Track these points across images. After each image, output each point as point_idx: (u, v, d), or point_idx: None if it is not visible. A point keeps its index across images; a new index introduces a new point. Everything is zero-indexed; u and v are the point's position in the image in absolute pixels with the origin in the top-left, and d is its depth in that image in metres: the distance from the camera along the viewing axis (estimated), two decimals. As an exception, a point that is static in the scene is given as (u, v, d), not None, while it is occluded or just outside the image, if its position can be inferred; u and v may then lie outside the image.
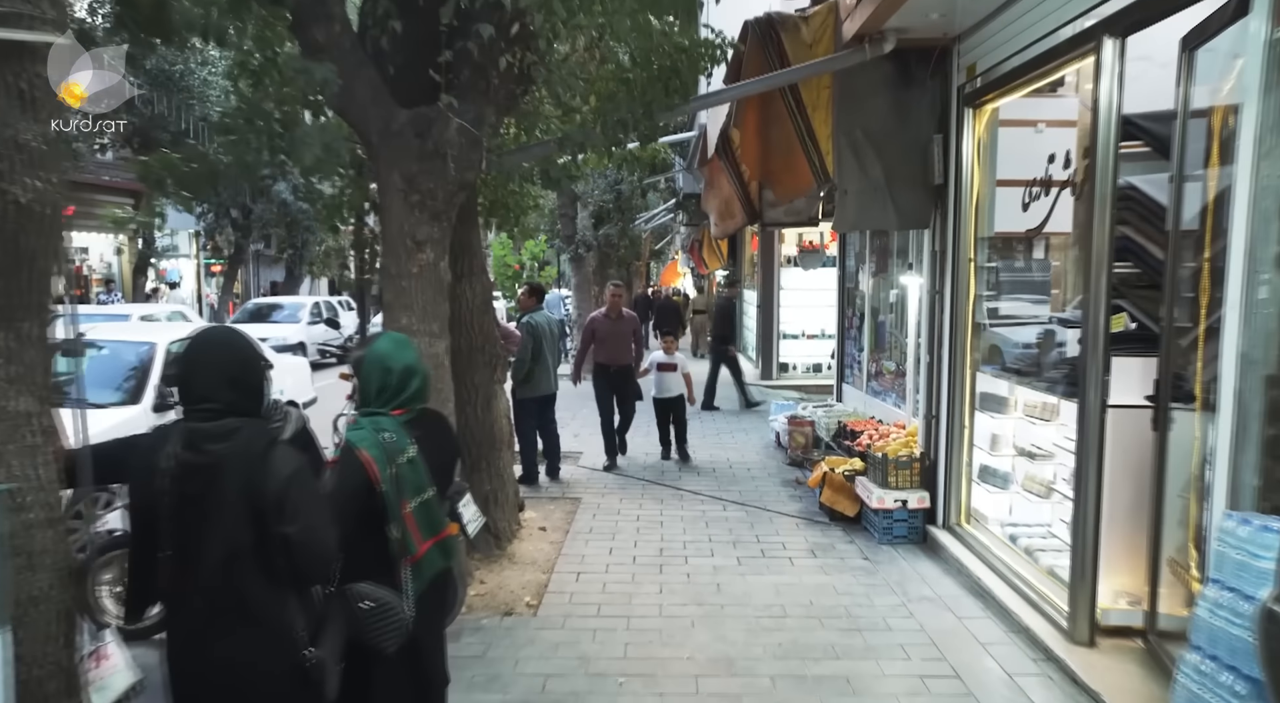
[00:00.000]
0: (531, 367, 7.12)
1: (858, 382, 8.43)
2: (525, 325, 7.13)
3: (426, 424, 2.54)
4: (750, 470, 8.00)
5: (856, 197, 5.68)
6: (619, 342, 8.05)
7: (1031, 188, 4.63)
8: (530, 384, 7.19)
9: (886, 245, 7.70)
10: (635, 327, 8.25)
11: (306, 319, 17.28)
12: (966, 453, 5.36)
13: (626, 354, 8.09)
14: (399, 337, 2.55)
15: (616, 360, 8.06)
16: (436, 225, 4.62)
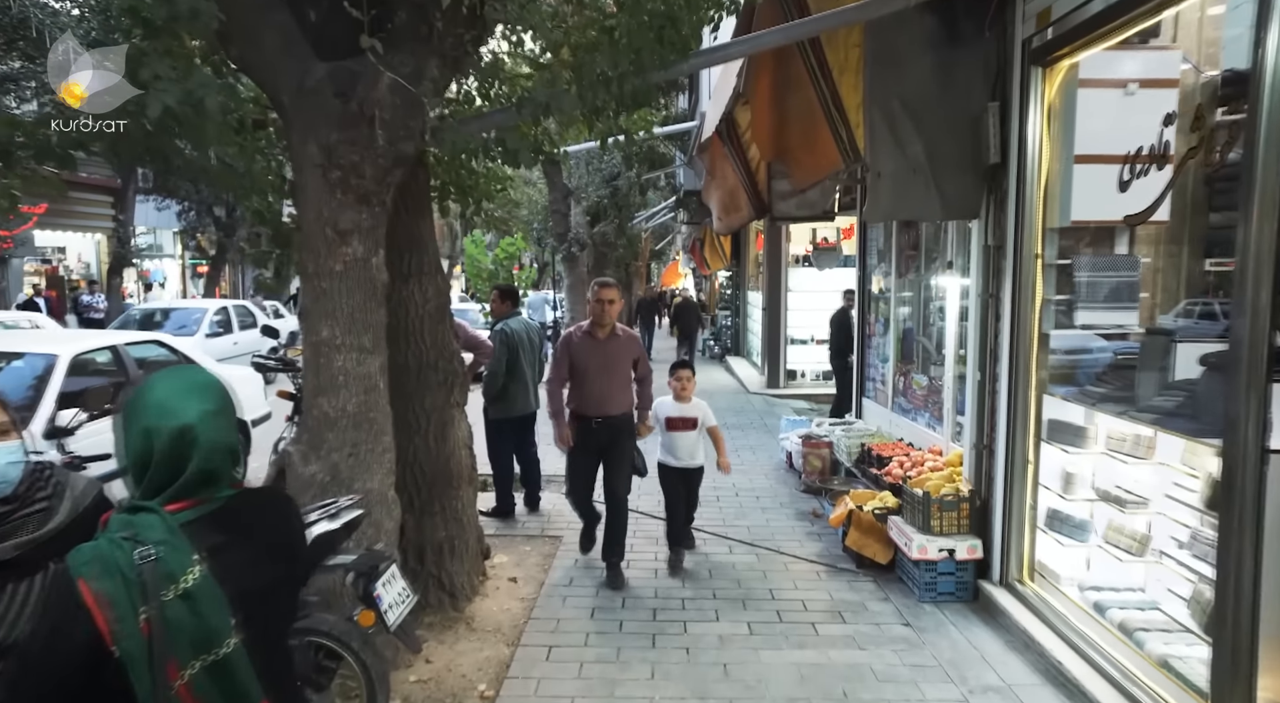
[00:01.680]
0: (506, 382, 6.11)
1: (881, 397, 7.42)
2: (498, 334, 6.13)
3: (241, 519, 1.50)
4: (759, 499, 6.99)
5: (892, 180, 4.68)
6: (609, 376, 5.02)
7: (1134, 164, 3.62)
8: (505, 402, 6.18)
9: (916, 240, 6.69)
10: (635, 352, 5.17)
11: (206, 329, 13.17)
12: (1030, 494, 4.35)
13: (620, 397, 5.08)
14: (186, 376, 1.51)
15: (604, 407, 5.01)
16: (365, 211, 3.61)
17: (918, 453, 6.05)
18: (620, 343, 5.11)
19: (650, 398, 5.29)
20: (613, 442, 5.09)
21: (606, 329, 5.06)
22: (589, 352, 5.04)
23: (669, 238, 36.93)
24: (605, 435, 5.06)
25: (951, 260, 5.67)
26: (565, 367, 5.09)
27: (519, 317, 6.38)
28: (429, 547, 4.48)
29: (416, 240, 4.44)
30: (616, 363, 5.07)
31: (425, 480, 4.49)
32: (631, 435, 5.19)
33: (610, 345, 5.06)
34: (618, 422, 5.10)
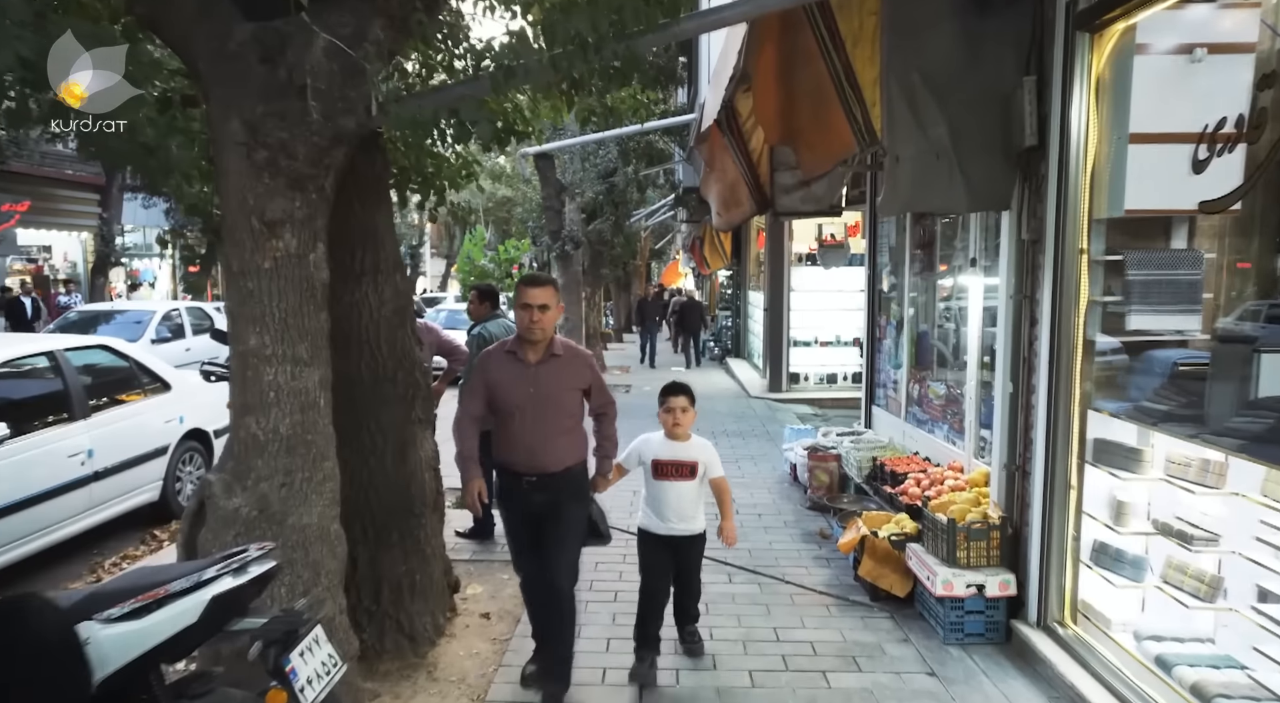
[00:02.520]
0: None
1: (893, 406, 6.87)
2: (474, 338, 5.58)
3: None
4: (761, 517, 6.44)
5: (912, 166, 4.14)
6: (545, 415, 3.54)
7: (1213, 141, 3.05)
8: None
9: (932, 235, 6.14)
10: (585, 378, 3.67)
11: (152, 334, 11.83)
12: (1073, 523, 3.80)
13: (563, 444, 3.57)
14: None
15: (538, 460, 3.53)
16: (299, 197, 3.07)
17: (936, 470, 5.50)
18: (561, 367, 3.54)
19: (613, 442, 3.78)
20: (552, 509, 3.52)
21: (539, 348, 3.51)
22: (514, 380, 3.50)
23: (669, 237, 36.43)
24: (542, 500, 3.53)
25: (975, 257, 5.12)
26: (480, 400, 3.58)
27: (499, 319, 5.83)
28: (386, 584, 3.93)
29: (371, 234, 3.89)
30: (555, 396, 3.51)
31: (382, 508, 3.94)
32: (581, 499, 3.66)
33: (545, 371, 3.51)
34: (559, 481, 3.53)
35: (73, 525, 5.25)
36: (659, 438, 3.92)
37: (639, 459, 3.91)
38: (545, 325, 3.48)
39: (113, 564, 5.43)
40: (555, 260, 14.01)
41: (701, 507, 3.95)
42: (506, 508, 3.71)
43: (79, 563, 5.46)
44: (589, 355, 3.84)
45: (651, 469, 3.88)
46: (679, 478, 3.85)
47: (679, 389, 3.91)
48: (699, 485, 3.90)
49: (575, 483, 3.64)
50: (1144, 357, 3.60)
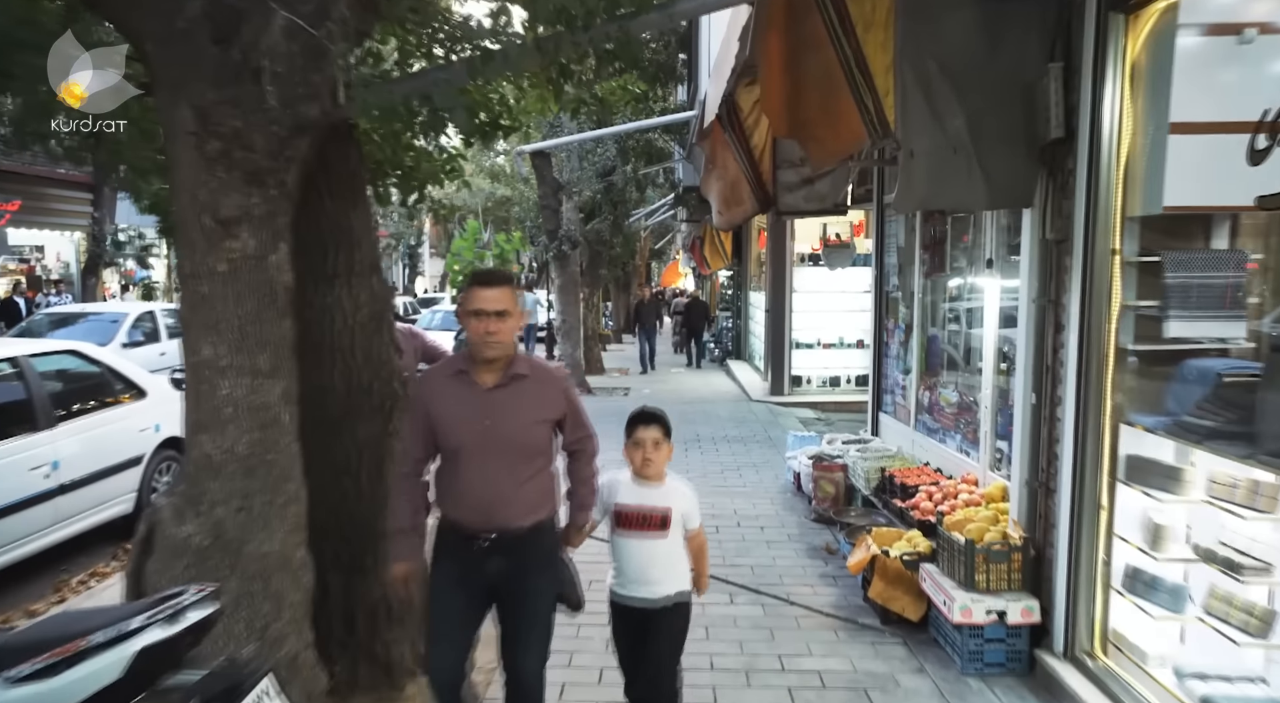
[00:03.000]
0: None
1: (901, 413, 6.58)
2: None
3: None
4: (764, 530, 6.15)
5: (927, 160, 3.84)
6: (505, 455, 2.74)
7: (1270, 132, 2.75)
8: None
9: (943, 234, 5.85)
10: (557, 407, 2.86)
11: (124, 337, 10.89)
12: (1103, 546, 3.51)
13: (528, 493, 2.77)
14: None
15: (496, 513, 2.73)
16: (256, 193, 2.78)
17: (948, 482, 5.21)
18: (525, 392, 2.74)
19: (592, 487, 3.01)
20: (515, 579, 2.75)
21: (496, 367, 2.72)
22: (463, 410, 2.71)
23: (669, 236, 36.12)
24: (501, 568, 2.73)
25: (991, 258, 4.83)
26: (421, 438, 2.81)
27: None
28: (361, 611, 3.63)
29: (345, 233, 3.59)
30: (518, 431, 2.72)
31: (356, 530, 3.65)
32: (551, 564, 2.89)
33: (504, 398, 2.71)
34: (524, 543, 2.74)
35: (35, 542, 4.96)
36: (625, 480, 3.02)
37: (602, 507, 3.02)
38: (504, 337, 2.66)
39: (80, 582, 5.14)
40: (552, 260, 13.72)
41: (680, 568, 3.02)
42: (444, 573, 2.78)
43: (44, 581, 5.17)
44: (563, 376, 3.03)
45: (613, 520, 2.98)
46: (647, 531, 2.93)
47: (650, 417, 2.99)
48: (674, 541, 2.97)
49: (544, 544, 2.82)
50: (1183, 367, 3.31)
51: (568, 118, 13.64)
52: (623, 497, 2.99)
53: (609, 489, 3.03)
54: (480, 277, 2.81)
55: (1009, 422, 4.74)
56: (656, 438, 2.97)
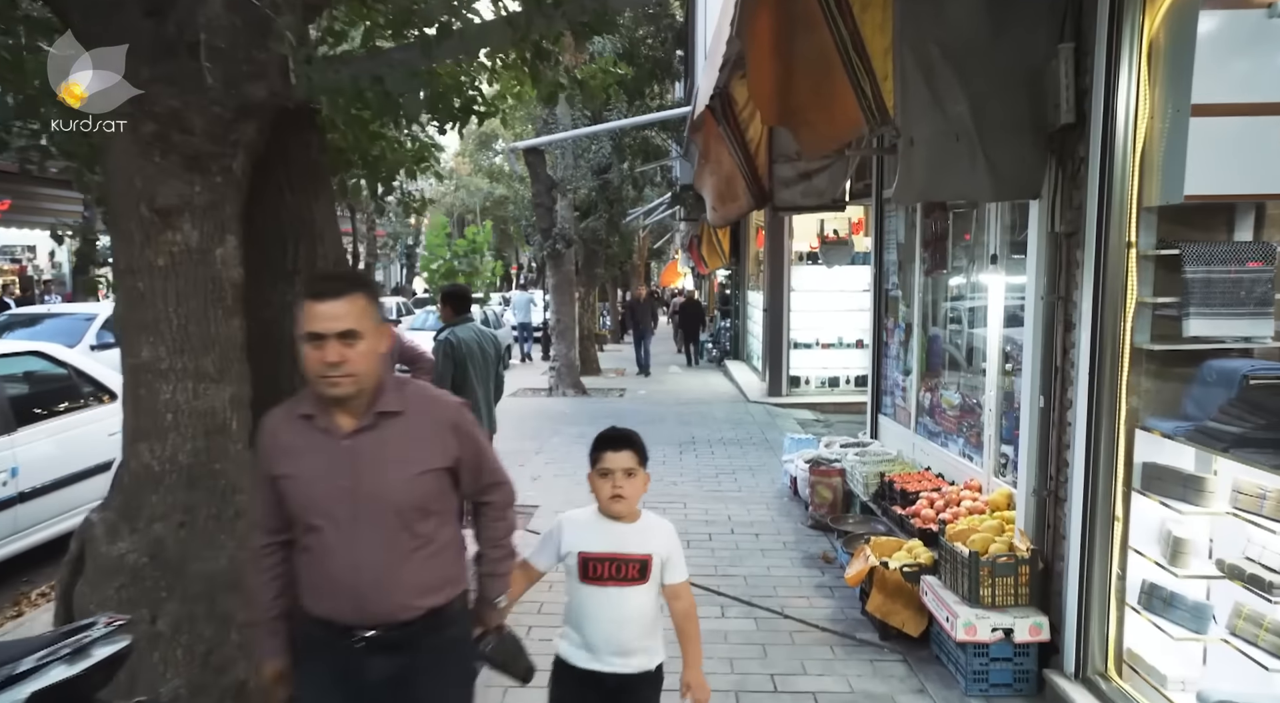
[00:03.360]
0: None
1: (902, 416, 6.35)
2: (441, 344, 5.05)
3: None
4: (759, 537, 5.92)
5: (928, 149, 3.61)
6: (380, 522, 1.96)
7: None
8: None
9: (945, 229, 5.62)
10: (449, 451, 2.04)
11: (92, 340, 10.20)
12: (1117, 560, 3.28)
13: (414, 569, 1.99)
14: None
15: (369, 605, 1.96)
16: (199, 180, 2.56)
17: (950, 489, 4.98)
18: (400, 434, 2.00)
19: (507, 550, 2.25)
20: (408, 685, 2.02)
21: (356, 406, 1.96)
22: (315, 465, 1.97)
23: (667, 235, 35.89)
24: (386, 671, 2.00)
25: (996, 253, 4.60)
26: (271, 504, 2.05)
27: (470, 323, 5.31)
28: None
29: (306, 227, 3.37)
30: (391, 488, 1.97)
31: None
32: (462, 662, 2.19)
33: (370, 445, 1.97)
34: (416, 636, 2.02)
35: (-9, 553, 4.73)
36: (589, 517, 2.41)
37: (558, 551, 2.37)
38: (358, 367, 1.87)
39: (40, 595, 4.91)
40: (547, 259, 13.50)
41: (657, 629, 2.40)
42: (313, 682, 2.04)
43: (4, 594, 4.95)
44: (453, 406, 2.10)
45: (578, 568, 2.33)
46: (620, 582, 2.32)
47: (619, 440, 2.40)
48: (649, 596, 2.36)
49: (447, 636, 2.06)
50: (1204, 368, 3.08)
51: (563, 114, 13.43)
52: (588, 541, 2.34)
53: (568, 529, 2.39)
54: (316, 285, 1.97)
55: (1014, 426, 4.51)
56: (629, 465, 2.36)
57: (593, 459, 2.41)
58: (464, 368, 5.04)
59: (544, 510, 6.46)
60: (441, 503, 2.06)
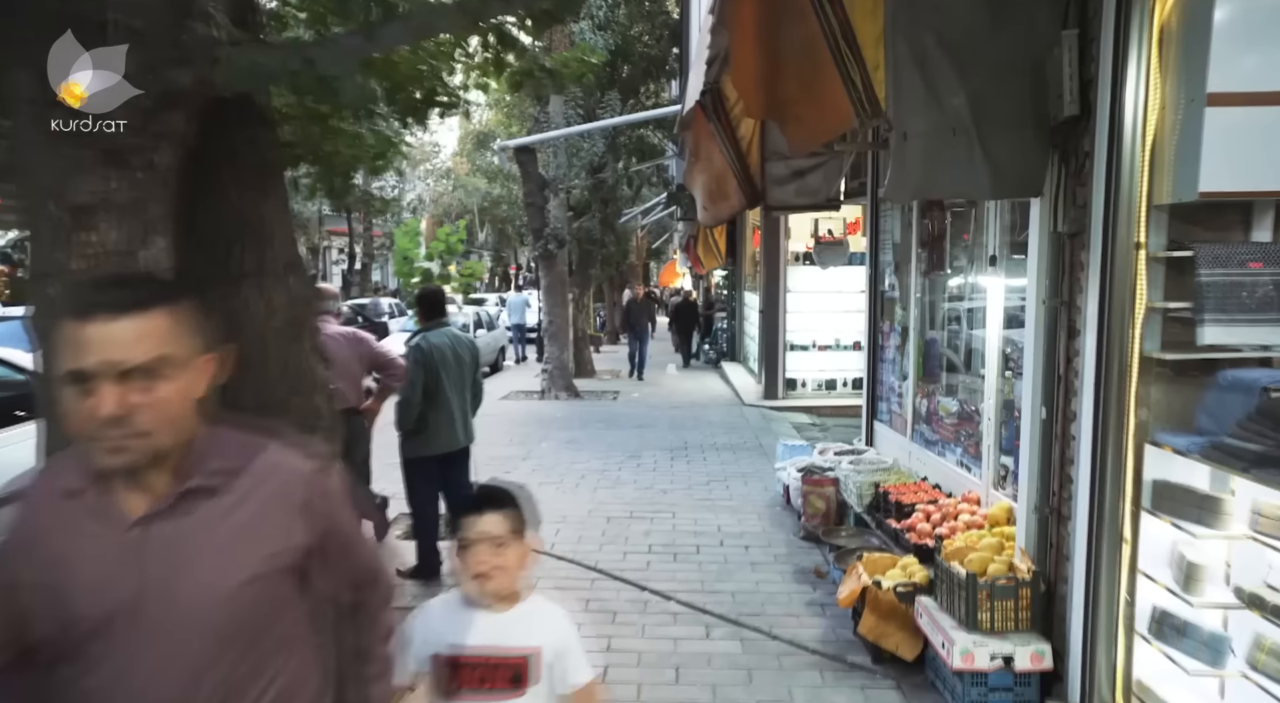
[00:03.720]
0: (424, 410, 4.80)
1: (898, 423, 6.12)
2: (413, 350, 4.83)
3: None
4: (749, 549, 5.69)
5: (924, 144, 3.39)
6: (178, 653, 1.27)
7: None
8: (424, 436, 4.87)
9: (942, 229, 5.40)
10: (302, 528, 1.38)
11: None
12: (1125, 585, 3.05)
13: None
14: None
15: None
16: (117, 175, 2.32)
17: (948, 501, 4.76)
18: (220, 516, 1.33)
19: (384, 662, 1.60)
20: None
21: (155, 477, 1.31)
22: (88, 565, 1.28)
23: (666, 235, 35.66)
24: None
25: (995, 254, 4.37)
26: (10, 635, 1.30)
27: (444, 328, 5.08)
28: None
29: (255, 228, 3.13)
30: (207, 598, 1.30)
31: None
32: None
33: (172, 534, 1.30)
34: None
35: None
36: (450, 604, 1.87)
37: (417, 654, 1.82)
38: (154, 422, 1.25)
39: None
40: (538, 260, 13.27)
41: None
42: None
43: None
44: (305, 472, 1.43)
45: (444, 673, 1.80)
46: (494, 692, 1.78)
47: (485, 500, 1.86)
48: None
49: None
50: (1220, 379, 2.85)
51: (555, 112, 13.20)
52: (449, 637, 1.80)
53: (425, 624, 1.85)
54: (90, 294, 1.32)
55: (1015, 436, 4.28)
56: (497, 533, 1.78)
57: (458, 538, 1.81)
58: (436, 375, 4.81)
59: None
60: (286, 619, 1.40)
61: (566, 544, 5.73)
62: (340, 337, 4.59)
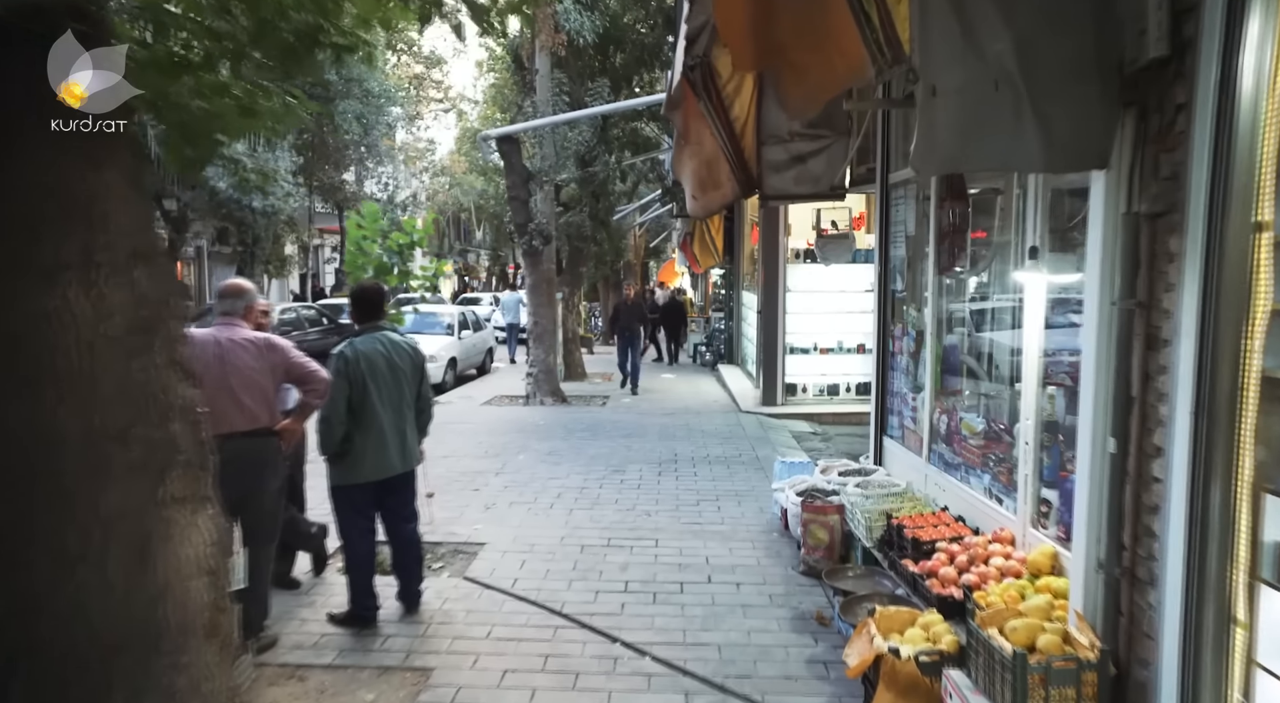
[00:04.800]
0: (350, 430, 4.04)
1: (911, 440, 5.35)
2: (337, 360, 4.07)
3: None
4: (740, 587, 4.92)
5: (959, 102, 2.64)
6: None
7: None
8: (350, 460, 4.10)
9: (963, 218, 4.63)
10: None
11: None
12: (1239, 681, 2.29)
13: None
14: None
15: None
16: None
17: (975, 540, 3.99)
18: None
19: None
20: None
21: None
22: None
23: (664, 234, 34.87)
24: None
25: (1036, 244, 3.61)
26: None
27: (379, 333, 4.30)
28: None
29: (78, 206, 2.37)
30: None
31: (98, 645, 2.43)
32: None
33: None
34: None
35: None
36: None
37: None
38: None
39: None
40: (523, 257, 12.52)
41: None
42: None
43: None
44: None
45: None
46: None
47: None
48: None
49: None
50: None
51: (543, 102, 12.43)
52: None
53: None
54: None
55: (1059, 464, 3.53)
56: None
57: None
58: (363, 388, 4.05)
59: (490, 551, 5.47)
60: None
61: (531, 580, 4.97)
62: (249, 344, 3.82)
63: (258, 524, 3.84)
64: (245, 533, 3.80)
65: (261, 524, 3.86)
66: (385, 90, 24.01)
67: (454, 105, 36.38)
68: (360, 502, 4.19)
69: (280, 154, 19.20)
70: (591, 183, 14.24)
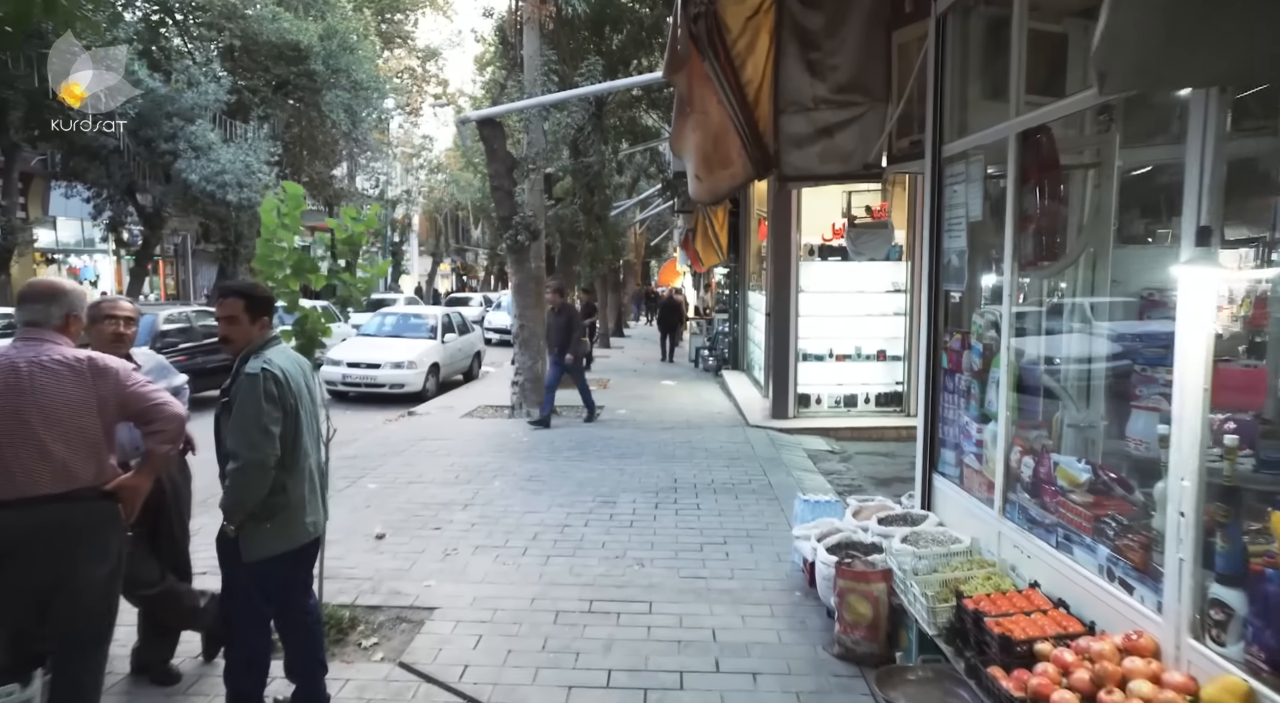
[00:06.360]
0: (282, 479, 2.87)
1: (975, 483, 4.18)
2: (265, 380, 2.86)
3: None
4: (758, 680, 3.76)
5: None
6: None
7: None
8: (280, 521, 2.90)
9: (1058, 189, 3.48)
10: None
11: None
12: None
13: None
14: None
15: None
16: None
17: (1097, 645, 2.81)
18: None
19: None
20: None
21: None
22: None
23: (666, 231, 33.72)
24: None
25: (1208, 223, 2.45)
26: None
27: (282, 345, 3.14)
28: None
29: None
30: None
31: None
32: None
33: None
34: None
35: None
36: None
37: None
38: None
39: None
40: (507, 253, 11.36)
41: None
42: None
43: None
44: None
45: None
46: None
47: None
48: None
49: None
50: None
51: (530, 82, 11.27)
52: None
53: None
54: None
55: (1242, 554, 2.37)
56: None
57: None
58: (295, 418, 2.90)
59: (440, 619, 4.32)
60: None
61: (485, 669, 3.81)
62: (64, 367, 2.66)
63: (73, 626, 2.68)
64: (55, 640, 2.66)
65: (78, 626, 2.70)
66: (374, 81, 22.88)
67: (451, 100, 35.24)
68: (276, 583, 3.02)
69: (256, 143, 18.07)
70: (585, 174, 13.06)
